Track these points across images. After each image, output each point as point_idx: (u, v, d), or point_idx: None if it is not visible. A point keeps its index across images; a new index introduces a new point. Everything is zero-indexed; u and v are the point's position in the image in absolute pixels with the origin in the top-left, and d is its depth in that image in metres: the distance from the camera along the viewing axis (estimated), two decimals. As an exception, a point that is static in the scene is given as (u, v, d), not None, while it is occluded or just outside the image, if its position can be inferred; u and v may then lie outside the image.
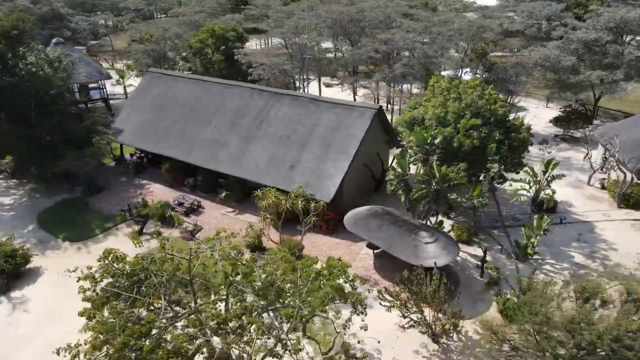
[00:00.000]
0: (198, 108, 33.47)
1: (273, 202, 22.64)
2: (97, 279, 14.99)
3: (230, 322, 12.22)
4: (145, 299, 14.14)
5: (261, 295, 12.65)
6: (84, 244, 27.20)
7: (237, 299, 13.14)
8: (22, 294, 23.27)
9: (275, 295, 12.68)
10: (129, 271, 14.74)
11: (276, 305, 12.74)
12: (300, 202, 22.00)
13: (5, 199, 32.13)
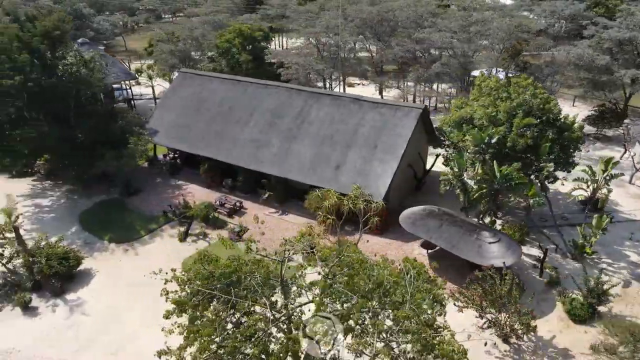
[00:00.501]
0: (234, 108, 33.32)
1: (335, 202, 22.51)
2: (191, 281, 14.71)
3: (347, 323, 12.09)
4: (245, 301, 13.96)
5: (369, 297, 12.54)
6: (130, 246, 27.01)
7: (342, 301, 13.00)
8: (77, 296, 23.07)
9: (382, 296, 12.58)
10: (224, 273, 14.51)
11: (385, 307, 12.62)
12: (362, 203, 21.89)
13: (43, 200, 31.91)
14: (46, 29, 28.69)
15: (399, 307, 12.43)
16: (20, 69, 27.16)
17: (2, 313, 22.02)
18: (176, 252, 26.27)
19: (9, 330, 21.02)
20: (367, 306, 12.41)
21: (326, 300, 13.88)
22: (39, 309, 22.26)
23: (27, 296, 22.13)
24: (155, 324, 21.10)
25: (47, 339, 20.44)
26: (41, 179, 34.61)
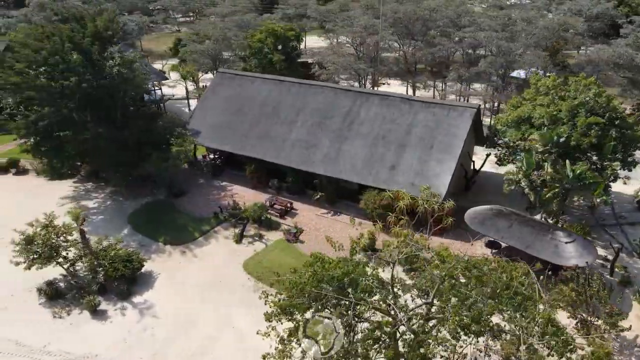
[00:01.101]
0: (279, 108, 33.14)
1: (409, 203, 22.40)
2: (306, 284, 14.51)
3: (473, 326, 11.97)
4: (364, 304, 13.79)
5: (496, 299, 12.41)
6: (186, 248, 26.78)
7: (468, 303, 12.85)
8: (143, 299, 22.84)
9: (510, 298, 12.47)
10: (338, 275, 14.32)
11: (519, 309, 12.48)
12: (435, 203, 21.81)
13: (89, 202, 31.61)
14: (97, 29, 28.45)
15: (526, 309, 12.33)
16: (73, 70, 26.89)
17: (71, 317, 21.77)
18: (234, 254, 26.09)
19: (81, 334, 20.78)
20: (500, 308, 12.29)
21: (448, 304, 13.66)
22: (107, 312, 22.03)
23: (96, 299, 21.90)
24: (230, 326, 21.16)
25: (124, 343, 20.22)
26: (82, 180, 34.30)
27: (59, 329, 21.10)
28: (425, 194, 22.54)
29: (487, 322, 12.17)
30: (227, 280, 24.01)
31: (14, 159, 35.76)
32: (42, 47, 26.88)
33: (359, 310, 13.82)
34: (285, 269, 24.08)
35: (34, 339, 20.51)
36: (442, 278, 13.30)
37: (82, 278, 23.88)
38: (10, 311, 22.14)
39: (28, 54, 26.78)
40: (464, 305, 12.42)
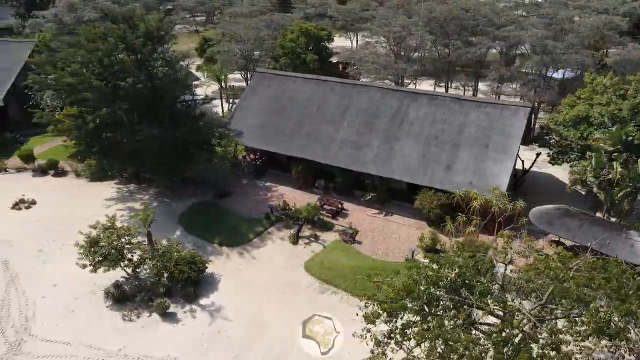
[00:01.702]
0: (323, 108, 33.00)
1: (483, 203, 22.32)
2: (411, 287, 14.39)
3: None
4: (486, 306, 13.68)
5: (629, 300, 12.33)
6: (243, 249, 26.59)
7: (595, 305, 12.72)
8: (211, 301, 22.63)
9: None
10: (454, 278, 14.17)
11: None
12: (507, 203, 21.75)
13: (135, 204, 31.34)
14: (149, 30, 28.22)
15: None
16: (128, 71, 26.65)
17: (141, 320, 21.55)
18: (293, 255, 25.93)
19: (154, 337, 20.56)
20: (628, 310, 12.18)
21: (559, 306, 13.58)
22: (177, 315, 21.81)
23: (166, 302, 21.68)
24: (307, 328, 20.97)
25: (201, 347, 20.02)
26: (123, 182, 34.04)
27: (131, 332, 20.88)
28: (496, 194, 22.46)
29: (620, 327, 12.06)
30: (292, 282, 23.85)
31: (53, 161, 35.47)
32: (97, 48, 26.63)
33: (485, 310, 13.67)
34: (347, 271, 24.33)
35: (108, 342, 20.28)
36: (559, 279, 13.17)
37: (144, 281, 23.67)
38: (79, 315, 21.91)
39: (83, 55, 26.52)
40: (589, 309, 12.30)
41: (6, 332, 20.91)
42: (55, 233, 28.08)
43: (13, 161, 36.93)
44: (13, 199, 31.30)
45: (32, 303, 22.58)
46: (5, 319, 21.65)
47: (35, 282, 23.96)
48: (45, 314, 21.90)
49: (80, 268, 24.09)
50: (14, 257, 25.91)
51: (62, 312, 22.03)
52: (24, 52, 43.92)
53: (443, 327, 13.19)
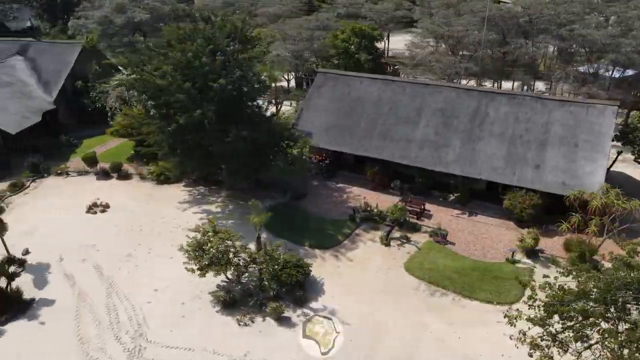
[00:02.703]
0: (396, 108, 32.78)
1: (604, 203, 22.18)
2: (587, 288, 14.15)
3: None
4: None
5: None
6: (336, 251, 26.31)
7: None
8: (321, 304, 22.31)
9: None
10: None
11: None
12: (625, 203, 21.65)
13: (210, 206, 31.00)
14: (233, 30, 27.89)
15: None
16: (216, 72, 26.31)
17: (256, 324, 21.22)
18: (389, 257, 25.70)
19: (275, 342, 20.25)
20: None
21: None
22: (291, 319, 21.49)
23: (282, 306, 21.37)
24: (426, 330, 20.75)
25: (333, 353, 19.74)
26: (191, 184, 33.66)
27: (250, 337, 20.56)
28: (613, 193, 22.35)
29: None
30: (396, 284, 23.63)
31: (117, 163, 35.03)
32: (185, 48, 26.25)
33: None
34: (450, 272, 24.15)
35: (229, 347, 19.95)
36: None
37: (245, 284, 23.36)
38: (190, 319, 21.56)
39: (173, 56, 26.12)
40: None
41: (121, 338, 20.54)
42: (138, 237, 27.72)
43: (73, 164, 36.48)
44: (85, 203, 30.90)
45: (138, 308, 22.20)
46: (115, 325, 21.28)
47: (134, 287, 23.56)
48: (156, 319, 21.54)
49: (175, 272, 24.06)
50: (104, 261, 25.52)
51: (173, 317, 21.68)
52: (72, 54, 43.56)
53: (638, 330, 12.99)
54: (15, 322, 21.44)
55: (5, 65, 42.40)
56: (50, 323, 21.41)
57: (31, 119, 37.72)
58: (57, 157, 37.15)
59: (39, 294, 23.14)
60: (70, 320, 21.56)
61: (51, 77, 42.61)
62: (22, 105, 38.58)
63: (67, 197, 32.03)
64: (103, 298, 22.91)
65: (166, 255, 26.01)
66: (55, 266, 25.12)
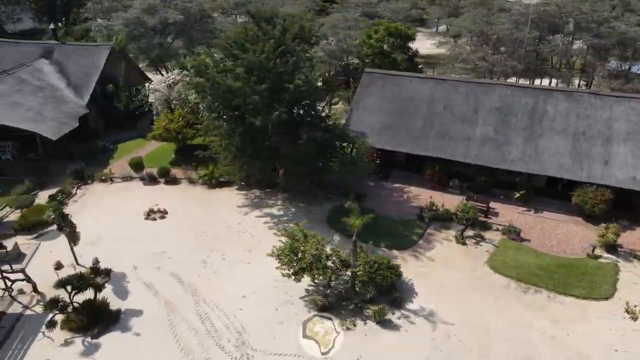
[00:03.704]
0: (451, 107, 32.79)
1: None
2: None
3: None
4: None
5: None
6: (414, 252, 26.14)
7: None
8: (417, 306, 22.06)
9: None
10: None
11: None
12: None
13: (272, 210, 30.49)
14: (299, 32, 27.51)
15: None
16: (288, 73, 25.93)
17: (359, 328, 20.86)
18: (469, 256, 25.65)
19: (382, 345, 19.97)
20: None
21: None
22: (392, 321, 21.22)
23: (385, 309, 21.12)
24: (532, 329, 20.73)
25: (439, 352, 19.56)
26: (243, 187, 33.06)
27: (356, 340, 20.23)
28: None
29: None
30: (486, 282, 23.60)
31: (165, 168, 34.22)
32: (258, 49, 25.76)
33: None
34: (536, 268, 24.27)
35: (342, 352, 19.62)
36: None
37: (334, 288, 23.04)
38: (289, 325, 21.10)
39: (246, 57, 25.57)
40: None
41: (225, 347, 20.01)
42: (207, 242, 27.10)
43: (114, 169, 35.51)
44: (139, 209, 30.13)
45: (232, 316, 21.66)
46: (213, 333, 20.72)
47: (220, 294, 22.98)
48: (254, 326, 21.04)
49: (257, 278, 23.88)
50: (180, 269, 24.87)
51: (271, 324, 21.22)
52: (101, 57, 42.42)
53: None
54: (108, 334, 20.71)
55: (32, 69, 41.04)
56: (145, 334, 20.73)
57: (69, 124, 36.57)
58: (95, 163, 36.12)
59: (123, 304, 22.40)
60: (165, 330, 20.93)
61: (81, 81, 41.39)
62: (57, 111, 37.38)
63: (120, 204, 31.14)
64: (192, 306, 22.30)
65: (243, 261, 25.53)
66: (131, 275, 24.38)
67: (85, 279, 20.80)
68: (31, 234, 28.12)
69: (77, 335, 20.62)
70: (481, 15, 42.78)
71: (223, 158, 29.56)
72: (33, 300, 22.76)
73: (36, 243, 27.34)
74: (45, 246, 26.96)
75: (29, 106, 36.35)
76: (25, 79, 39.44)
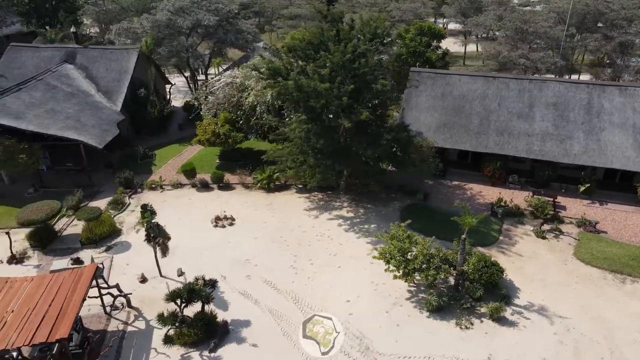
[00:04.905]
0: (505, 104, 33.23)
1: None
2: None
3: None
4: None
5: None
6: (498, 248, 26.30)
7: None
8: (525, 300, 22.16)
9: None
10: None
11: None
12: None
13: (341, 212, 30.09)
14: (379, 33, 27.29)
15: None
16: (372, 73, 25.66)
17: (476, 327, 20.80)
18: (554, 249, 26.00)
19: (510, 342, 19.95)
20: None
21: None
22: (507, 319, 21.22)
23: (502, 306, 21.15)
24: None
25: (564, 347, 19.71)
26: (302, 191, 32.57)
27: (479, 339, 20.16)
28: None
29: None
30: (581, 275, 23.96)
31: (219, 174, 33.29)
32: (346, 50, 25.34)
33: None
34: (627, 259, 24.84)
35: (465, 352, 19.50)
36: None
37: (437, 287, 22.93)
38: (407, 327, 20.85)
39: (331, 59, 25.10)
40: None
41: (350, 353, 19.59)
42: (288, 248, 26.53)
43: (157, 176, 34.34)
44: (206, 216, 29.32)
45: (344, 321, 21.23)
46: (328, 337, 20.24)
47: (322, 300, 22.51)
48: (371, 330, 20.67)
49: (353, 282, 23.79)
50: (272, 276, 24.24)
51: (388, 327, 20.93)
52: (129, 61, 41.05)
53: None
54: (224, 347, 19.97)
55: (59, 75, 39.29)
56: (262, 345, 20.07)
57: (110, 131, 35.14)
58: (137, 171, 34.82)
59: (227, 315, 21.61)
60: (281, 339, 20.32)
61: (110, 86, 39.94)
62: (95, 117, 35.85)
63: (181, 212, 30.12)
64: (297, 313, 21.75)
65: (332, 265, 25.12)
66: (223, 285, 23.54)
67: (197, 291, 19.98)
68: (99, 247, 26.87)
69: (192, 350, 19.78)
70: (519, 13, 43.48)
71: (291, 162, 28.96)
72: (130, 316, 21.72)
73: (108, 256, 26.13)
74: (118, 259, 25.81)
75: (67, 114, 34.75)
76: (56, 85, 37.75)
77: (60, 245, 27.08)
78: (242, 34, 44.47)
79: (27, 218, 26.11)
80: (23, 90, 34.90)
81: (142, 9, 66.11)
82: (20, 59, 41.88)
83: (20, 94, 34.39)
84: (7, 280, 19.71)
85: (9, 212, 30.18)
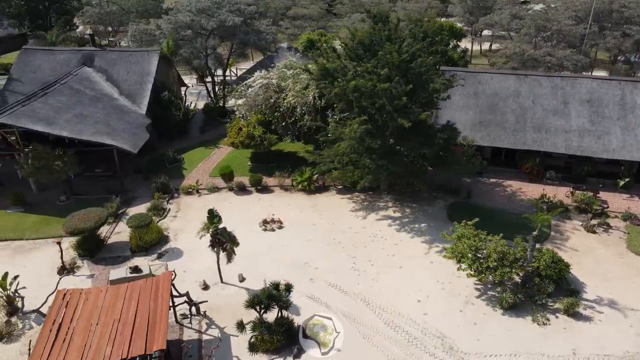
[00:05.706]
0: (539, 102, 33.66)
1: None
2: None
3: None
4: None
5: None
6: (553, 243, 26.40)
7: None
8: (593, 295, 22.46)
9: None
10: None
11: None
12: None
13: (388, 212, 29.98)
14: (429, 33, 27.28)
15: None
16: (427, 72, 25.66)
17: (554, 323, 20.91)
18: (607, 244, 26.39)
19: (589, 336, 20.15)
20: None
21: None
22: (582, 314, 21.42)
23: (577, 301, 21.36)
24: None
25: (648, 339, 20.09)
26: (342, 192, 32.39)
27: (558, 334, 20.28)
28: None
29: None
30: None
31: (258, 177, 32.84)
32: (402, 49, 25.24)
33: None
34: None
35: (551, 347, 19.64)
36: None
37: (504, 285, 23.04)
38: (485, 325, 20.84)
39: (389, 59, 24.96)
40: None
41: (435, 354, 19.49)
42: (344, 250, 26.29)
43: (190, 181, 33.78)
44: (251, 220, 28.91)
45: (421, 321, 21.13)
46: (414, 342, 20.11)
47: (392, 301, 22.33)
48: (450, 330, 20.62)
49: (419, 281, 23.84)
50: (336, 279, 23.93)
51: (465, 325, 20.91)
52: (151, 63, 40.20)
53: None
54: (306, 353, 19.65)
55: (80, 78, 38.19)
56: (345, 349, 19.78)
57: (140, 135, 34.31)
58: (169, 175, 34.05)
59: (300, 320, 21.28)
60: (362, 343, 20.08)
61: (133, 89, 39.02)
62: (123, 122, 34.96)
63: (225, 216, 28.99)
64: (373, 316, 21.54)
65: (393, 266, 25.01)
66: (288, 289, 23.16)
67: (276, 297, 19.60)
68: (150, 255, 26.19)
69: (275, 357, 19.41)
70: (542, 12, 44.08)
71: (338, 162, 28.74)
72: (202, 324, 21.19)
73: (162, 263, 25.49)
74: (173, 266, 25.16)
75: (96, 118, 33.78)
76: (79, 88, 36.70)
77: (108, 254, 26.29)
78: (261, 34, 43.95)
79: (76, 227, 25.22)
80: (49, 94, 33.79)
81: (143, 11, 65.04)
82: (35, 62, 40.55)
83: (47, 98, 33.30)
84: (81, 292, 19.00)
85: (44, 221, 29.27)
